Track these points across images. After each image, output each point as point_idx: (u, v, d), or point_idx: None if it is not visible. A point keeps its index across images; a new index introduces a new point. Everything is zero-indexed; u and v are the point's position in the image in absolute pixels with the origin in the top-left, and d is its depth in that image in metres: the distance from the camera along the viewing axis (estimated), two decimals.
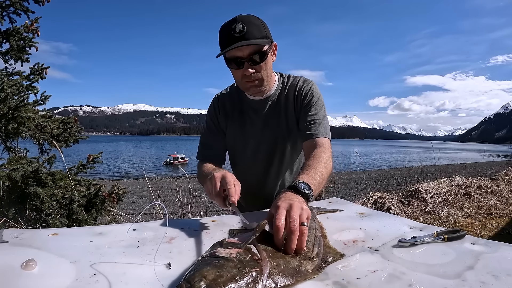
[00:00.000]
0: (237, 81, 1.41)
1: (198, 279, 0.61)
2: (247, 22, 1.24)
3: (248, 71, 1.30)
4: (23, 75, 3.05)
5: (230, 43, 1.23)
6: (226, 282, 0.62)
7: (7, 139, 2.87)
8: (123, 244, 0.91)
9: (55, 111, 29.30)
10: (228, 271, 0.64)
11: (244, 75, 1.32)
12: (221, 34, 1.27)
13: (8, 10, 2.98)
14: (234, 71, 1.34)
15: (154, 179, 24.23)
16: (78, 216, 2.56)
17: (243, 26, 1.22)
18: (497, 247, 0.89)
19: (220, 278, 0.62)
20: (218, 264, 0.66)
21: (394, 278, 0.72)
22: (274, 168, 1.56)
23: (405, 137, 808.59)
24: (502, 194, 5.80)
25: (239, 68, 1.31)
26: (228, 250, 0.73)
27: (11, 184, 2.45)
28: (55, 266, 0.76)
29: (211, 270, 0.64)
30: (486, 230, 4.29)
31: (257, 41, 1.25)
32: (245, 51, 1.26)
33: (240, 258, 0.70)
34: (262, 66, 1.32)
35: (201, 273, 0.62)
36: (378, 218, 1.21)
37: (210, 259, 0.70)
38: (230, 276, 0.63)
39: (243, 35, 1.22)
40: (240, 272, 0.65)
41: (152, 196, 9.90)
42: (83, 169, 2.97)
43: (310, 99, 1.44)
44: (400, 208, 4.99)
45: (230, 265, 0.66)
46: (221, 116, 1.56)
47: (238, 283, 0.63)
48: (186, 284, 0.60)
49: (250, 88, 1.38)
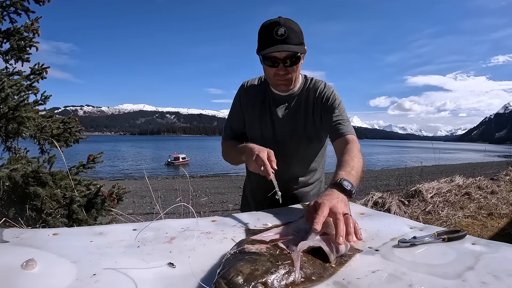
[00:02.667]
0: (268, 76, 1.52)
1: (234, 274, 0.61)
2: (289, 28, 1.34)
3: (281, 71, 1.42)
4: (24, 75, 3.04)
5: (271, 44, 1.35)
6: (262, 275, 0.63)
7: (7, 139, 2.87)
8: (123, 244, 0.91)
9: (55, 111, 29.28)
10: (262, 264, 0.66)
11: (276, 74, 1.44)
12: (263, 33, 1.39)
13: (8, 10, 2.98)
14: (268, 68, 1.45)
15: (155, 179, 24.26)
16: (79, 216, 2.56)
17: (285, 30, 1.33)
18: (497, 247, 0.89)
19: (255, 272, 0.63)
20: (251, 259, 0.67)
21: (395, 278, 0.72)
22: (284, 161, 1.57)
23: (406, 137, 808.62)
24: (503, 194, 5.80)
25: (273, 67, 1.42)
26: (257, 246, 0.74)
27: (12, 184, 2.45)
28: (55, 266, 0.76)
29: (245, 265, 0.65)
30: (487, 230, 4.29)
31: (295, 47, 1.36)
32: (282, 54, 1.38)
33: (271, 252, 0.71)
34: (294, 68, 1.44)
35: (236, 269, 0.63)
36: (379, 218, 1.21)
37: (241, 255, 0.71)
38: (265, 269, 0.64)
39: (284, 39, 1.33)
40: (273, 265, 0.66)
41: (152, 196, 9.91)
42: (83, 169, 2.97)
43: (332, 102, 1.54)
44: (400, 208, 4.99)
45: (263, 259, 0.67)
46: (243, 102, 1.67)
47: (273, 275, 0.64)
48: (223, 281, 0.61)
49: (279, 85, 1.51)
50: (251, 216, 1.25)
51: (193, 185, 16.81)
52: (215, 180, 23.03)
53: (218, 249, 0.88)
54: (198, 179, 24.05)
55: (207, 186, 17.60)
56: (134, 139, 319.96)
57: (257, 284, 0.61)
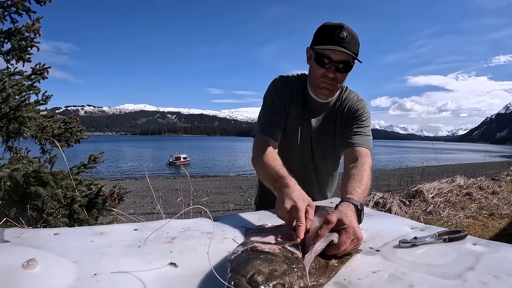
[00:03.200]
0: (314, 75, 1.44)
1: (254, 272, 0.61)
2: (351, 34, 1.32)
3: (330, 74, 1.37)
4: (25, 75, 3.05)
5: (330, 43, 1.31)
6: (281, 276, 0.62)
7: (8, 139, 2.87)
8: (124, 244, 0.91)
9: (56, 111, 29.36)
10: (280, 265, 0.65)
11: (325, 75, 1.38)
12: (323, 32, 1.35)
13: (9, 10, 2.98)
14: (318, 67, 1.39)
15: (156, 179, 24.27)
16: (79, 216, 2.56)
17: (347, 35, 1.30)
18: (498, 247, 0.89)
19: (275, 272, 0.62)
20: (267, 259, 0.67)
21: (395, 278, 0.72)
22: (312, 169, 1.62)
23: (406, 138, 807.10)
24: (504, 195, 5.79)
25: (324, 67, 1.36)
26: (269, 246, 0.74)
27: (13, 184, 2.46)
28: (56, 266, 0.76)
29: (263, 264, 0.64)
30: (488, 230, 4.28)
31: (352, 53, 1.32)
32: (338, 56, 1.33)
33: (285, 254, 0.71)
34: (342, 75, 1.39)
35: (254, 267, 0.63)
36: (379, 219, 1.21)
37: (254, 253, 0.70)
38: (282, 271, 0.64)
39: (344, 43, 1.30)
40: (289, 267, 0.66)
41: (153, 196, 9.90)
42: (84, 169, 2.98)
43: (361, 114, 1.51)
44: (401, 208, 4.99)
45: (279, 260, 0.67)
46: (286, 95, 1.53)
47: (290, 278, 0.64)
48: (241, 278, 0.60)
49: (323, 88, 1.43)
50: (251, 216, 1.25)
51: (194, 185, 16.81)
52: (215, 180, 23.04)
53: (219, 249, 0.88)
54: (199, 179, 24.06)
55: (208, 186, 17.61)
56: (135, 139, 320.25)
57: (277, 284, 0.61)
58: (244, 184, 18.56)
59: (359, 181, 1.16)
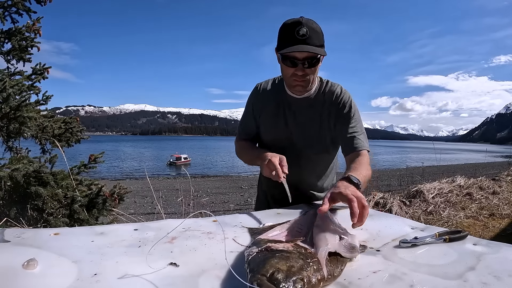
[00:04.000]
0: (285, 76, 1.48)
1: (273, 271, 0.63)
2: (311, 28, 1.32)
3: (299, 72, 1.39)
4: (25, 75, 3.05)
5: (292, 44, 1.32)
6: (298, 271, 0.65)
7: (9, 139, 2.87)
8: (124, 244, 0.91)
9: (56, 111, 29.24)
10: (296, 261, 0.67)
11: (294, 74, 1.40)
12: (284, 32, 1.36)
13: (10, 10, 2.98)
14: (286, 68, 1.42)
15: (156, 179, 24.28)
16: (80, 216, 2.56)
17: (306, 31, 1.30)
18: (498, 247, 0.89)
19: (292, 268, 0.65)
20: (283, 256, 0.69)
21: (396, 278, 0.72)
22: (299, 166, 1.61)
23: (407, 138, 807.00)
24: (504, 195, 5.79)
25: (292, 67, 1.39)
26: (283, 244, 0.76)
27: (13, 184, 2.46)
28: (56, 266, 0.76)
29: (280, 262, 0.66)
30: (488, 230, 4.28)
31: (316, 48, 1.33)
32: (302, 54, 1.35)
33: (298, 250, 0.74)
34: (312, 70, 1.41)
35: (272, 265, 0.65)
36: (380, 219, 1.21)
37: (269, 253, 0.72)
38: (299, 266, 0.66)
39: (305, 39, 1.31)
40: (305, 262, 0.68)
41: (153, 196, 9.91)
42: (84, 169, 2.98)
43: (349, 110, 1.52)
44: (401, 208, 4.99)
45: (294, 257, 0.69)
46: (257, 104, 1.65)
47: (307, 272, 0.66)
48: (263, 278, 0.62)
49: (296, 86, 1.47)
50: (251, 216, 1.25)
51: (194, 185, 16.80)
52: (216, 180, 23.04)
53: (219, 249, 0.88)
54: (199, 179, 24.06)
55: (208, 186, 17.61)
56: (135, 139, 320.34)
57: (297, 279, 0.62)
58: (245, 184, 18.56)
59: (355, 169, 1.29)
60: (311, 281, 0.65)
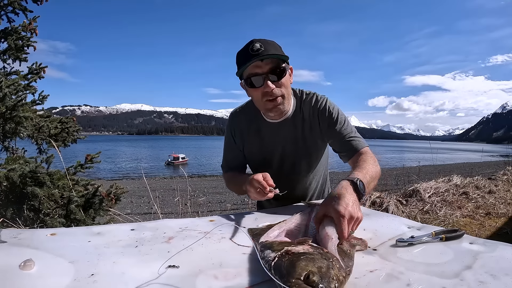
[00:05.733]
0: (257, 102, 1.40)
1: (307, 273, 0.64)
2: (264, 42, 1.28)
3: (268, 87, 1.30)
4: (21, 74, 3.04)
5: (248, 60, 1.26)
6: (327, 271, 0.66)
7: (5, 139, 2.86)
8: (121, 244, 0.91)
9: (53, 111, 29.15)
10: (322, 262, 0.69)
11: (265, 93, 1.32)
12: (239, 56, 1.32)
13: (6, 10, 2.97)
14: (254, 90, 1.34)
15: (153, 179, 24.23)
16: (76, 216, 2.55)
17: (260, 45, 1.26)
18: (495, 246, 0.89)
19: (322, 269, 0.66)
20: (309, 258, 0.70)
21: (392, 277, 0.72)
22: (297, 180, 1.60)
23: (403, 137, 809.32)
24: (500, 194, 5.81)
25: (259, 86, 1.31)
26: (301, 247, 0.77)
27: (9, 184, 2.45)
28: (53, 266, 0.76)
29: (309, 264, 0.67)
30: (484, 229, 4.29)
31: (274, 55, 1.27)
32: (264, 68, 1.28)
33: (318, 251, 0.75)
34: (282, 82, 1.33)
35: (303, 268, 0.66)
36: (376, 218, 1.21)
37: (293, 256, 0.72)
38: (326, 266, 0.68)
39: (261, 52, 1.25)
40: (329, 262, 0.70)
41: (150, 196, 9.90)
42: (81, 169, 2.97)
43: (330, 116, 1.44)
44: (398, 207, 4.99)
45: (318, 257, 0.70)
46: (237, 135, 1.57)
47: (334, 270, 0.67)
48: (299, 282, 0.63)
49: (272, 108, 1.37)
50: (248, 216, 1.25)
51: (191, 185, 16.77)
52: (213, 180, 23.01)
53: (216, 249, 0.88)
54: (196, 179, 24.03)
55: (205, 186, 17.58)
56: (132, 138, 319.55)
57: (331, 279, 0.65)
58: None
59: (360, 168, 1.20)
60: (339, 279, 0.67)
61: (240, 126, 1.56)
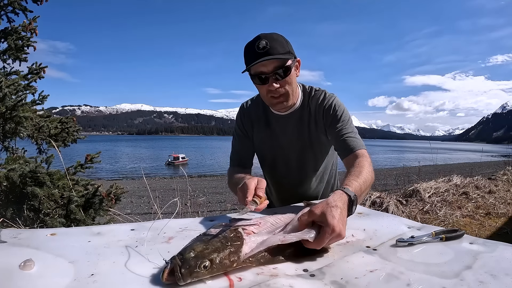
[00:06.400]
0: (263, 96, 1.45)
1: (189, 251, 0.73)
2: (270, 39, 1.29)
3: (273, 86, 1.34)
4: (21, 74, 3.04)
5: (254, 59, 1.28)
6: (210, 253, 0.74)
7: (5, 138, 2.86)
8: (121, 244, 0.91)
9: (53, 111, 29.15)
10: (213, 244, 0.77)
11: (269, 90, 1.36)
12: (246, 52, 1.33)
13: (6, 10, 2.97)
14: (260, 86, 1.38)
15: (153, 179, 24.23)
16: (76, 216, 2.55)
17: (266, 42, 1.27)
18: (495, 246, 0.89)
19: (205, 250, 0.74)
20: (206, 240, 0.79)
21: (393, 277, 0.72)
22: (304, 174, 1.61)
23: (403, 137, 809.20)
24: (500, 194, 5.81)
25: (264, 83, 1.34)
26: (218, 229, 0.87)
27: (9, 184, 2.45)
28: (53, 266, 0.76)
29: (200, 244, 0.77)
30: (484, 229, 4.30)
31: (280, 56, 1.29)
32: (269, 67, 1.30)
33: (225, 235, 0.82)
34: (286, 80, 1.36)
35: (191, 247, 0.75)
36: (377, 218, 1.21)
37: (203, 236, 0.83)
38: (214, 248, 0.76)
39: (267, 50, 1.27)
40: (223, 245, 0.78)
41: (150, 196, 9.90)
42: (81, 169, 2.97)
43: (334, 114, 1.46)
44: (398, 207, 5.00)
45: (215, 240, 0.79)
46: (246, 125, 1.63)
47: (220, 253, 0.75)
48: (179, 256, 0.71)
49: (276, 104, 1.42)
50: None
51: (191, 184, 16.76)
52: (213, 180, 23.01)
53: None
54: (196, 179, 24.03)
55: (205, 186, 17.58)
56: (132, 138, 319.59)
57: (204, 260, 0.71)
58: None
59: (356, 175, 1.16)
60: (217, 262, 0.73)
61: (250, 117, 1.62)
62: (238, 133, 1.66)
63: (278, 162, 1.61)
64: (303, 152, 1.56)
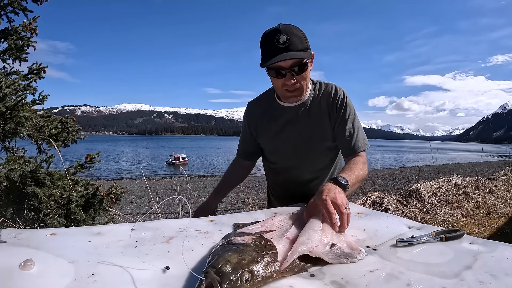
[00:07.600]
0: (276, 88, 1.48)
1: (223, 263, 0.66)
2: (290, 34, 1.28)
3: (289, 81, 1.36)
4: (21, 74, 3.03)
5: (274, 54, 1.28)
6: (248, 264, 0.68)
7: (5, 138, 2.86)
8: (121, 244, 0.91)
9: (53, 111, 29.17)
10: (249, 254, 0.71)
11: (284, 84, 1.38)
12: (264, 43, 1.33)
13: (6, 10, 2.97)
14: (275, 79, 1.40)
15: (153, 179, 24.23)
16: (76, 216, 2.55)
17: (286, 37, 1.27)
18: (495, 246, 0.89)
19: (242, 261, 0.68)
20: (238, 249, 0.72)
21: (393, 277, 0.72)
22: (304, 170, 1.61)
23: (403, 137, 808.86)
24: (500, 194, 5.81)
25: (280, 77, 1.36)
26: (243, 237, 0.80)
27: (9, 184, 2.45)
28: (53, 266, 0.76)
29: (233, 255, 0.70)
30: (484, 229, 4.29)
31: (299, 53, 1.30)
32: (287, 62, 1.31)
33: (256, 243, 0.77)
34: (302, 76, 1.38)
35: (224, 258, 0.68)
36: (377, 218, 1.21)
37: (229, 246, 0.76)
38: (251, 259, 0.70)
39: (287, 46, 1.27)
40: (259, 254, 0.72)
41: (150, 195, 9.90)
42: (81, 169, 2.97)
43: (344, 110, 1.49)
44: (398, 207, 4.99)
45: (249, 249, 0.73)
46: (251, 123, 1.66)
47: (259, 264, 0.69)
48: (212, 270, 0.65)
49: (290, 97, 1.46)
50: (248, 215, 1.25)
51: (192, 184, 16.77)
52: (213, 180, 22.99)
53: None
54: (196, 179, 24.03)
55: (205, 186, 17.57)
56: (132, 138, 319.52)
57: (244, 272, 0.66)
58: (241, 184, 18.48)
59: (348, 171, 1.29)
60: (259, 274, 0.68)
61: (255, 114, 1.64)
62: (245, 130, 1.70)
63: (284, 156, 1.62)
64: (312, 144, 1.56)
